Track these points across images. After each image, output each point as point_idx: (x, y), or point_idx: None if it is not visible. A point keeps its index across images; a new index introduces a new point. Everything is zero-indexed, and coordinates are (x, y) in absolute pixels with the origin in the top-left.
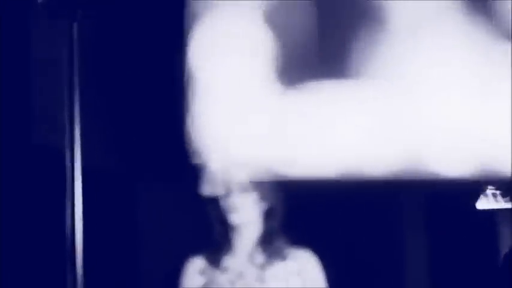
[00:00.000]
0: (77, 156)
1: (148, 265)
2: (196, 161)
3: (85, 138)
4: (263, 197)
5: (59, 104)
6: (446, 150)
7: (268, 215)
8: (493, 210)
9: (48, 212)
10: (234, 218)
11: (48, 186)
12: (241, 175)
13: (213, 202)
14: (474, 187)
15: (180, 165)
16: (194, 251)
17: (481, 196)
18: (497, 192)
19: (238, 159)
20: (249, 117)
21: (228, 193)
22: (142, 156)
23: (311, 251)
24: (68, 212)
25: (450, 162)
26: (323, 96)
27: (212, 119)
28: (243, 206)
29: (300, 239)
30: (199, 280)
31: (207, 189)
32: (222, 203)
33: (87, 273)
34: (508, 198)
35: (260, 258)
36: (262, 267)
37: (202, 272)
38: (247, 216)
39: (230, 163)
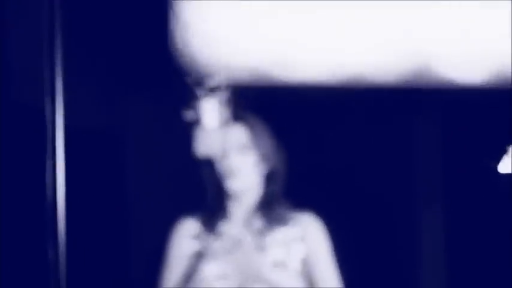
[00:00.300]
0: (58, 113)
1: (135, 228)
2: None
3: (67, 93)
4: (264, 159)
5: (39, 57)
6: (459, 55)
7: (269, 180)
8: None
9: (28, 172)
10: (231, 184)
11: (28, 146)
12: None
13: (208, 165)
14: (488, 94)
15: (173, 123)
16: (185, 212)
17: (504, 158)
18: None
19: (234, 64)
20: (246, 16)
21: (224, 154)
22: (130, 112)
23: (315, 214)
24: (49, 173)
25: (463, 68)
26: None
27: (203, 22)
28: (241, 170)
29: (302, 154)
30: (192, 245)
31: (201, 149)
32: (217, 166)
33: (69, 238)
34: None
35: (259, 224)
36: (262, 233)
37: (195, 236)
38: (245, 182)
39: (226, 70)
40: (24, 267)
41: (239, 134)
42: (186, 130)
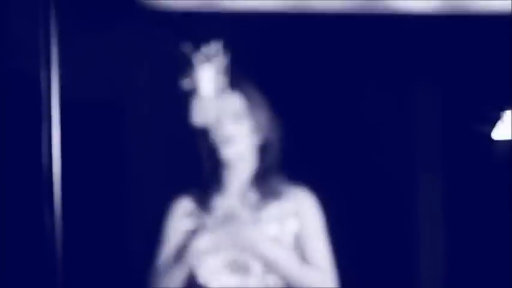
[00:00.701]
0: (53, 81)
1: (132, 205)
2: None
3: (63, 61)
4: (258, 129)
5: (34, 23)
6: None
7: (263, 150)
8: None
9: (23, 144)
10: (226, 152)
11: (23, 115)
12: None
13: (203, 133)
14: (439, 24)
15: (171, 92)
16: (182, 181)
17: (498, 124)
18: None
19: None
20: None
21: (219, 122)
22: (128, 80)
23: (309, 190)
24: (45, 145)
25: None
26: None
27: None
28: (236, 138)
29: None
30: (188, 224)
31: (198, 117)
32: (212, 134)
33: (65, 209)
34: None
35: (253, 197)
36: (256, 207)
37: (191, 215)
38: (240, 150)
39: None
40: (20, 235)
41: (235, 102)
42: (183, 98)
